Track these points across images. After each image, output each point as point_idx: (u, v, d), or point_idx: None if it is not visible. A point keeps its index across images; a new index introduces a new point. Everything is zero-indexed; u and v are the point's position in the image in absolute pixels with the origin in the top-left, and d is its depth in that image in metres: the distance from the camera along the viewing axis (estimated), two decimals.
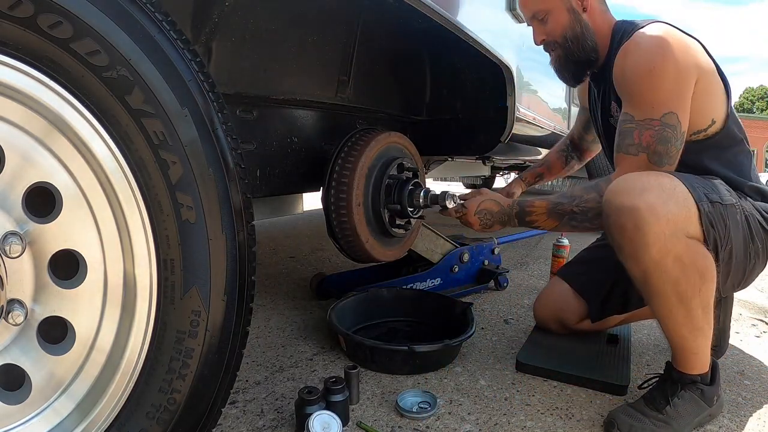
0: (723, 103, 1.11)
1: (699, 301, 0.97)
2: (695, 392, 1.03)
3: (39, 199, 0.64)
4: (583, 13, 1.20)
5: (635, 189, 0.96)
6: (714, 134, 1.12)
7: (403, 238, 1.60)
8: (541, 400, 1.16)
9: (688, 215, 0.96)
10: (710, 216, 0.98)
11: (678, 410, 1.01)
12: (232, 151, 0.70)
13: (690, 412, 1.02)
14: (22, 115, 0.61)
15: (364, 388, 1.19)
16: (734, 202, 1.04)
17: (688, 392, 1.03)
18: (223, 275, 0.69)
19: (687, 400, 1.03)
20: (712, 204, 0.99)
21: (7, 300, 0.61)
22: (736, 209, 1.04)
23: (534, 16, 1.25)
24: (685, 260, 0.95)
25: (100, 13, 0.60)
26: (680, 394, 1.03)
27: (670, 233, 0.93)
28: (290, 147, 1.40)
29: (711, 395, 1.05)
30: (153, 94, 0.63)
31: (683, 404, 1.02)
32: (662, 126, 1.03)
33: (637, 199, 0.94)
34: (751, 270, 1.10)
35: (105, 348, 0.67)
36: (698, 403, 1.04)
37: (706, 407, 1.04)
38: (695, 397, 1.03)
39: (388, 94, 1.69)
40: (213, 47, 1.07)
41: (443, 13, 1.09)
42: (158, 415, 0.68)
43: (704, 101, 1.08)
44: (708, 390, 1.04)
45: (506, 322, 1.68)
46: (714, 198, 1.00)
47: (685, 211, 0.96)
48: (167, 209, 0.65)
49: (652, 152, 1.05)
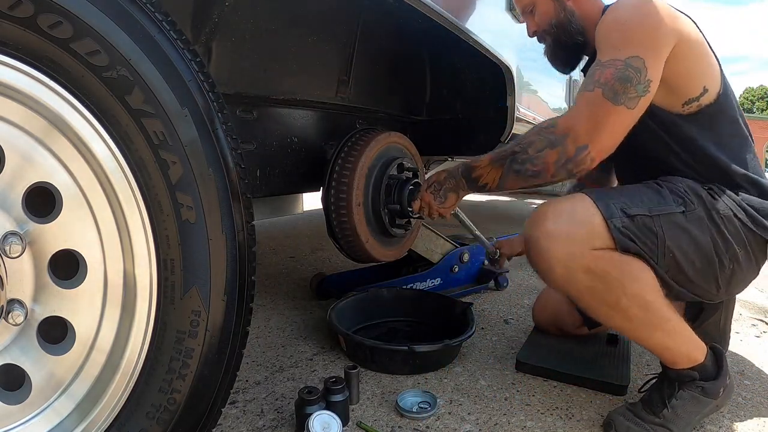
0: (716, 74, 1.09)
1: (629, 302, 0.98)
2: (695, 390, 1.02)
3: (39, 199, 0.64)
4: (567, 1, 1.21)
5: (536, 219, 1.02)
6: (708, 106, 1.08)
7: (403, 238, 1.60)
8: (541, 400, 1.16)
9: (591, 230, 0.98)
10: (625, 230, 0.98)
11: (677, 412, 1.00)
12: (232, 151, 0.70)
13: (690, 411, 1.01)
14: (22, 115, 0.61)
15: (364, 388, 1.19)
16: (678, 210, 1.01)
17: (688, 391, 1.02)
18: (223, 275, 0.69)
19: (686, 400, 1.01)
20: (631, 218, 0.99)
21: (7, 300, 0.61)
22: (682, 216, 1.01)
23: (524, 10, 1.28)
24: (597, 270, 0.98)
25: (100, 13, 0.60)
26: (678, 395, 1.01)
27: (570, 252, 0.98)
28: (290, 147, 1.40)
29: (715, 389, 1.02)
30: (153, 94, 0.63)
31: (682, 405, 1.01)
32: (625, 66, 0.99)
33: (535, 229, 1.02)
34: (729, 276, 1.04)
35: (105, 348, 0.67)
36: (699, 400, 1.02)
37: (710, 401, 1.02)
38: (695, 395, 1.02)
39: (388, 94, 1.70)
40: (213, 47, 1.07)
41: (443, 13, 1.10)
42: (158, 415, 0.68)
43: (693, 65, 1.06)
44: (710, 386, 1.02)
45: (506, 322, 1.68)
46: (635, 212, 0.99)
47: (584, 228, 0.98)
48: (167, 209, 0.65)
49: (608, 88, 0.99)
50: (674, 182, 1.06)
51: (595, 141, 1.00)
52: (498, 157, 1.12)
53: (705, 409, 1.03)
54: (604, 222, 0.98)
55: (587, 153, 1.01)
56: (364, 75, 1.51)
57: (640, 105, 1.00)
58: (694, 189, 1.04)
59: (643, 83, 1.00)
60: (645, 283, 0.99)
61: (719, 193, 1.04)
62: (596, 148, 1.01)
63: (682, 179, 1.07)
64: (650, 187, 1.07)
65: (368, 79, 1.54)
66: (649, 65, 1.00)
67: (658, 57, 1.01)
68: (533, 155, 1.05)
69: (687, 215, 1.01)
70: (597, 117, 1.00)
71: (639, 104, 1.00)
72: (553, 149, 1.02)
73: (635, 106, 1.00)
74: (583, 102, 1.03)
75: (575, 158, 1.01)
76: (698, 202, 1.03)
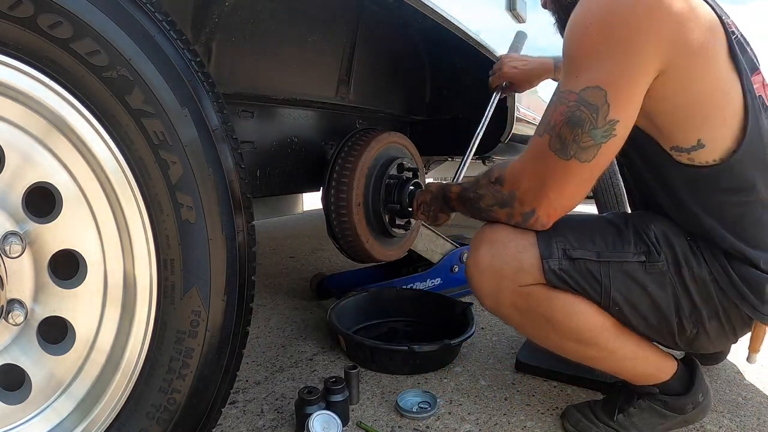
0: (728, 125, 0.78)
1: (561, 338, 0.92)
2: (656, 403, 0.97)
3: (39, 199, 0.64)
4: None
5: (472, 246, 0.96)
6: (702, 167, 0.81)
7: (403, 238, 1.60)
8: (541, 400, 1.16)
9: (520, 267, 0.89)
10: (564, 272, 0.87)
11: (632, 420, 0.97)
12: (232, 151, 0.70)
13: (648, 422, 0.97)
14: (22, 115, 0.61)
15: (364, 388, 1.19)
16: (636, 259, 0.86)
17: (647, 402, 0.97)
18: (223, 275, 0.69)
19: (644, 410, 0.97)
20: (572, 260, 0.87)
21: (7, 300, 0.61)
22: (640, 267, 0.86)
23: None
24: (522, 307, 0.92)
25: (100, 13, 0.60)
26: (637, 404, 0.97)
27: (496, 287, 0.92)
28: (290, 147, 1.40)
29: (680, 404, 0.96)
30: (153, 94, 0.63)
31: (639, 413, 0.97)
32: (578, 103, 0.77)
33: (470, 257, 0.97)
34: (690, 339, 0.90)
35: (105, 348, 0.67)
36: (658, 412, 0.97)
37: (674, 416, 0.97)
38: (655, 407, 0.97)
39: (388, 94, 1.70)
40: (213, 47, 1.07)
41: (443, 13, 1.10)
42: (158, 415, 0.68)
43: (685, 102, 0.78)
44: (673, 401, 0.96)
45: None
46: (578, 255, 0.87)
47: (514, 263, 0.89)
48: (167, 209, 0.65)
49: (555, 134, 0.80)
50: (648, 224, 0.90)
51: (543, 204, 0.85)
52: (460, 197, 1.04)
53: (668, 422, 0.98)
54: (540, 261, 0.88)
55: (536, 218, 0.87)
56: (364, 75, 1.51)
57: (602, 154, 0.78)
58: (667, 238, 0.87)
59: (602, 127, 0.76)
60: (582, 319, 0.89)
61: (703, 249, 0.86)
62: (545, 212, 0.86)
63: (662, 221, 0.90)
64: (614, 224, 0.92)
65: (368, 79, 1.54)
66: (613, 98, 0.74)
67: (631, 83, 0.75)
68: (486, 208, 0.95)
69: (647, 266, 0.86)
70: (542, 174, 0.82)
71: (599, 154, 0.78)
72: (502, 209, 0.91)
73: (592, 157, 0.78)
74: (530, 152, 0.85)
75: (524, 222, 0.89)
76: (668, 254, 0.86)
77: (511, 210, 0.89)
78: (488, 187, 0.93)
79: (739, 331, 0.91)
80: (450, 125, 1.87)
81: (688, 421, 1.00)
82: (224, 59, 1.10)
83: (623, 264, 0.86)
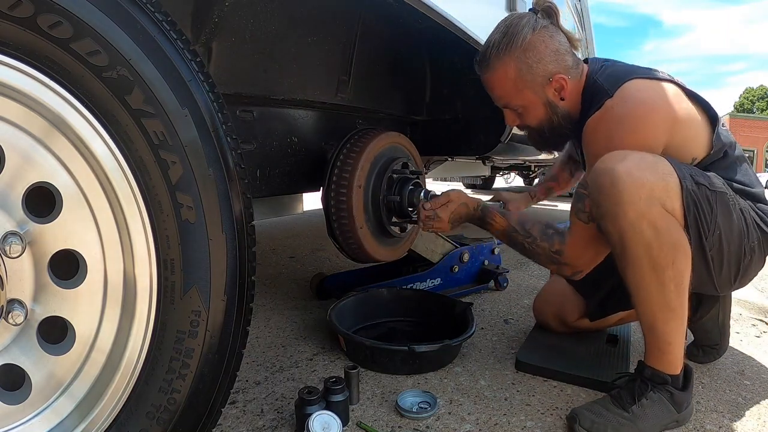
0: (705, 141, 1.11)
1: (672, 275, 0.97)
2: (664, 394, 1.01)
3: (39, 199, 0.64)
4: (560, 102, 1.18)
5: (617, 156, 1.00)
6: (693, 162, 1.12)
7: (403, 238, 1.60)
8: (541, 400, 1.16)
9: (667, 187, 0.98)
10: (694, 195, 0.99)
11: (645, 410, 1.00)
12: (232, 151, 0.70)
13: (657, 414, 1.00)
14: (22, 115, 0.61)
15: (364, 388, 1.19)
16: (727, 192, 1.04)
17: (657, 393, 1.01)
18: (223, 275, 0.69)
19: (655, 402, 1.01)
20: (698, 185, 1.00)
21: (7, 300, 0.61)
22: (728, 198, 1.04)
23: (506, 106, 1.24)
24: (660, 227, 0.96)
25: (100, 13, 0.60)
26: (649, 395, 1.01)
27: (646, 197, 0.96)
28: (290, 147, 1.40)
29: (681, 400, 1.02)
30: (153, 94, 0.63)
31: (651, 405, 1.00)
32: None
33: (617, 163, 0.98)
34: (746, 266, 1.09)
35: (105, 348, 0.67)
36: (666, 406, 1.01)
37: (675, 412, 1.02)
38: (664, 399, 1.01)
39: (388, 94, 1.69)
40: (213, 47, 1.07)
41: (443, 13, 1.10)
42: (158, 415, 0.68)
43: (681, 143, 1.09)
44: (678, 394, 1.02)
45: (506, 322, 1.68)
46: (701, 181, 1.01)
47: (663, 182, 0.98)
48: (167, 209, 0.65)
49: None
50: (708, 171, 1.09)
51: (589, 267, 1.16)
52: (509, 235, 1.22)
53: (667, 418, 1.02)
54: (679, 182, 0.98)
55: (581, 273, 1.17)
56: (364, 75, 1.51)
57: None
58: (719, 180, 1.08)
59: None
60: (687, 263, 0.99)
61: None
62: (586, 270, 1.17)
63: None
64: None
65: (368, 79, 1.54)
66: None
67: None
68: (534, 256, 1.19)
69: (730, 199, 1.04)
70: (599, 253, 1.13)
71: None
72: (553, 265, 1.18)
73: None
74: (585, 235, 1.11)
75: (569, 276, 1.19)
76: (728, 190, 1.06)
77: (560, 268, 1.17)
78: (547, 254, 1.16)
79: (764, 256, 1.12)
80: (450, 125, 1.87)
81: (680, 421, 1.04)
82: (224, 59, 1.10)
83: (722, 194, 1.03)
